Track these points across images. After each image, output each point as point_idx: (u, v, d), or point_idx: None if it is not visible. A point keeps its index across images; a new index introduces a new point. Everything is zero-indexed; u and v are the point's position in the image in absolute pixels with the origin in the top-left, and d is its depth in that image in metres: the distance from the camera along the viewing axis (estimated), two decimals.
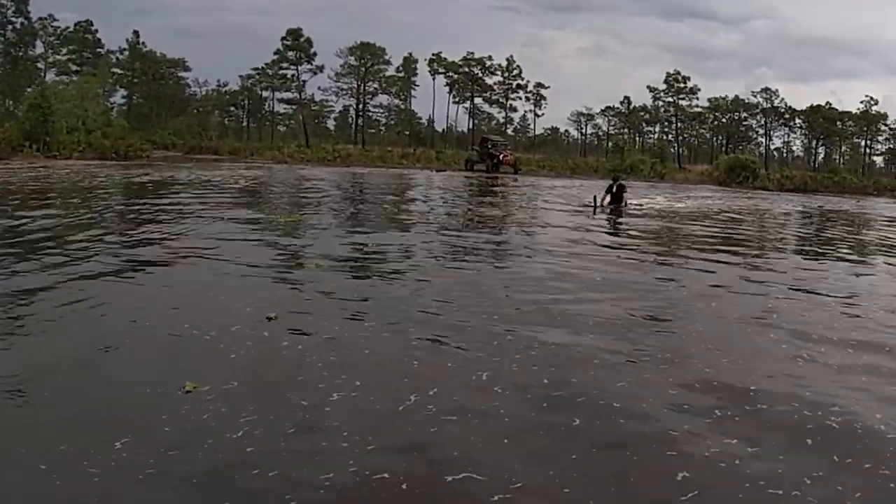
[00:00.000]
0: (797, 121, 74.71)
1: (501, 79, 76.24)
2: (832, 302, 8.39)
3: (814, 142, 76.98)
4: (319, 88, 76.42)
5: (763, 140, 77.05)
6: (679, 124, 76.29)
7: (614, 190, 20.30)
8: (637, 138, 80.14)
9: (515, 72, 76.09)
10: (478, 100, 77.59)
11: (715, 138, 79.71)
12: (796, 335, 6.53)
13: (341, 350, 5.43)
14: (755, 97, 73.71)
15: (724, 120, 75.88)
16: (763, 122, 75.22)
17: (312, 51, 69.24)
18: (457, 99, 77.43)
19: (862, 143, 75.31)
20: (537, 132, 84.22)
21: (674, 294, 8.36)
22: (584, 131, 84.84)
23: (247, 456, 3.69)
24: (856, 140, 75.70)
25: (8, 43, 63.83)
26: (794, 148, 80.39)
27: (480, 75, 75.75)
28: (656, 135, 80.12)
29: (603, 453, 3.96)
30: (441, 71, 75.09)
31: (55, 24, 66.88)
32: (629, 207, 20.30)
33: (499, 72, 75.84)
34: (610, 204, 20.02)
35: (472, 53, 74.63)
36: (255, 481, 3.48)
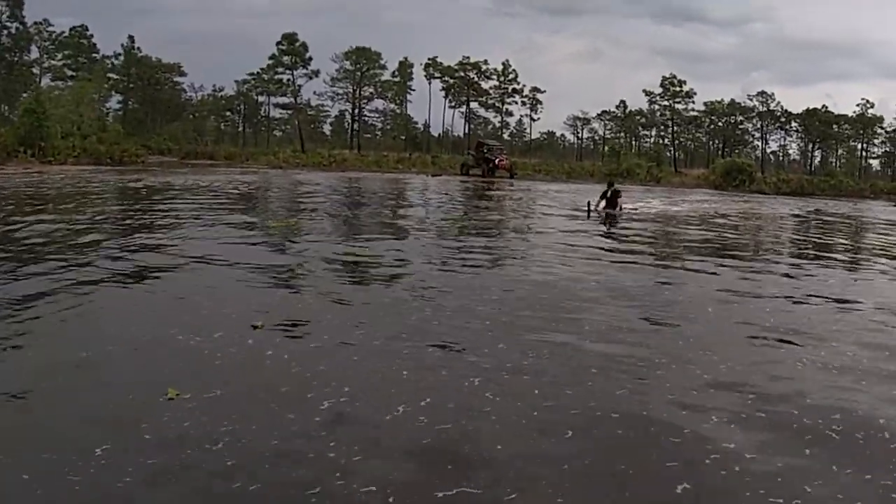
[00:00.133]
0: (793, 124, 74.74)
1: (497, 83, 76.09)
2: (830, 304, 8.33)
3: (810, 145, 77.03)
4: (315, 93, 75.98)
5: (759, 143, 77.13)
6: (675, 128, 76.28)
7: (609, 195, 20.54)
8: (633, 142, 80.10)
9: (511, 76, 76.00)
10: (474, 104, 77.44)
11: (711, 142, 79.80)
12: (793, 337, 6.47)
13: (328, 358, 5.30)
14: (751, 100, 73.78)
15: (721, 123, 75.90)
16: (759, 126, 75.21)
17: (308, 55, 68.91)
18: (453, 103, 77.30)
19: (858, 147, 75.38)
20: (533, 136, 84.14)
21: (669, 299, 8.26)
22: (581, 135, 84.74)
23: (226, 468, 3.56)
24: (852, 143, 75.73)
25: (3, 48, 63.43)
26: (791, 151, 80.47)
27: (476, 80, 75.62)
28: (652, 139, 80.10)
29: (597, 462, 3.84)
30: (437, 75, 74.95)
31: (50, 29, 66.47)
32: (624, 212, 20.42)
33: (494, 76, 75.73)
34: (605, 209, 20.13)
35: (468, 58, 74.51)
36: (235, 496, 3.35)
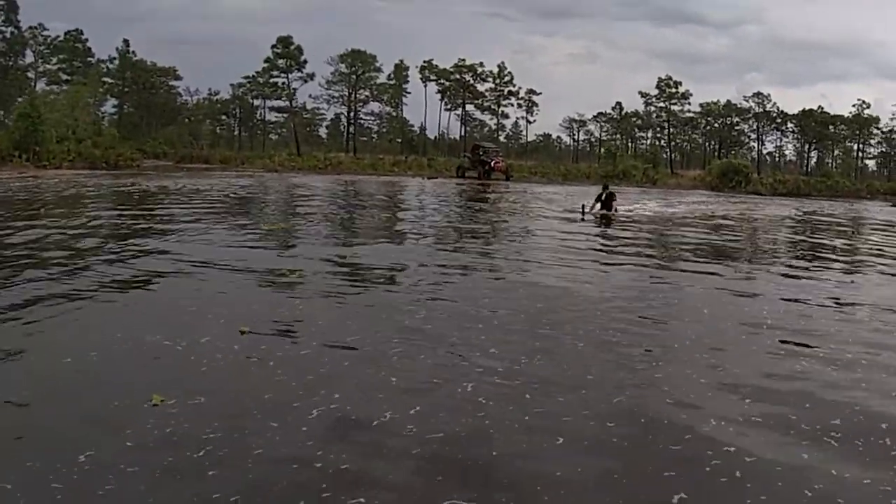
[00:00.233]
0: (789, 125, 74.79)
1: (493, 85, 76.13)
2: (830, 304, 8.32)
3: (806, 146, 77.12)
4: (311, 96, 76.23)
5: (755, 145, 77.15)
6: (671, 130, 76.34)
7: (604, 198, 20.89)
8: (629, 144, 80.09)
9: (507, 78, 76.04)
10: (469, 107, 77.45)
11: (707, 143, 79.86)
12: (793, 337, 6.46)
13: (315, 364, 5.22)
14: (747, 102, 73.81)
15: (717, 125, 75.94)
16: (755, 127, 75.21)
17: (303, 58, 68.82)
18: (448, 106, 77.29)
19: (854, 147, 75.45)
20: (529, 139, 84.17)
21: (666, 301, 8.20)
22: (577, 137, 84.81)
23: (207, 478, 3.49)
24: (848, 143, 75.81)
25: None
26: (787, 152, 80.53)
27: (472, 82, 75.63)
28: (648, 140, 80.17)
29: (590, 467, 3.77)
30: (432, 78, 74.93)
31: (45, 34, 66.36)
32: (618, 213, 20.58)
33: (490, 78, 75.76)
34: (600, 211, 20.28)
35: (464, 60, 74.52)
36: None
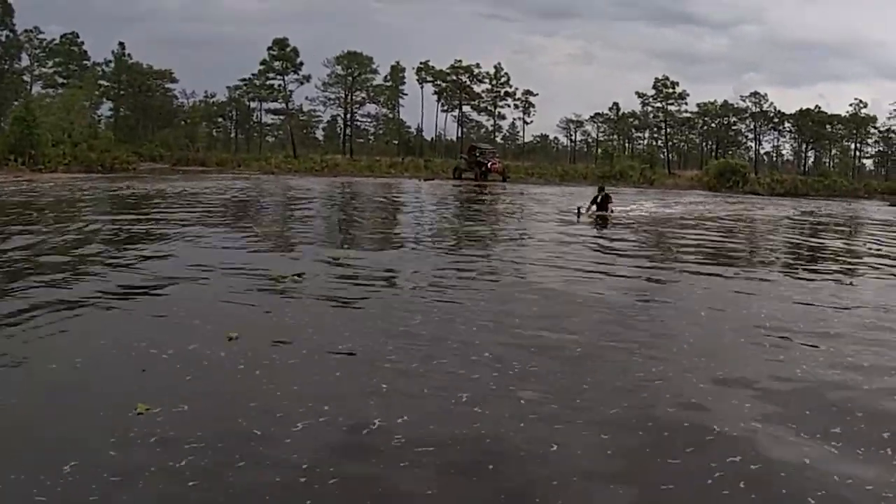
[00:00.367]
0: (786, 125, 74.89)
1: (489, 86, 76.22)
2: (829, 304, 8.30)
3: (803, 145, 77.18)
4: (307, 98, 75.87)
5: (753, 144, 77.28)
6: (668, 130, 76.35)
7: (600, 200, 20.86)
8: (626, 144, 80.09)
9: (503, 79, 76.10)
10: (466, 108, 77.54)
11: (704, 143, 79.89)
12: (793, 337, 6.46)
13: (303, 372, 5.12)
14: (744, 101, 73.90)
15: (714, 125, 76.01)
16: (752, 127, 75.32)
17: (299, 60, 68.92)
18: (445, 107, 77.41)
19: (852, 147, 75.49)
20: (526, 139, 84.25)
21: (664, 302, 8.17)
22: (574, 138, 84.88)
23: (188, 489, 3.41)
24: (845, 143, 75.83)
25: None
26: (784, 152, 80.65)
27: (468, 83, 75.66)
28: (646, 141, 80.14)
29: (587, 470, 3.69)
30: (429, 79, 74.99)
31: (41, 37, 66.31)
32: (615, 214, 20.55)
33: (487, 79, 75.86)
34: (596, 212, 20.31)
35: (460, 61, 74.59)
36: None
